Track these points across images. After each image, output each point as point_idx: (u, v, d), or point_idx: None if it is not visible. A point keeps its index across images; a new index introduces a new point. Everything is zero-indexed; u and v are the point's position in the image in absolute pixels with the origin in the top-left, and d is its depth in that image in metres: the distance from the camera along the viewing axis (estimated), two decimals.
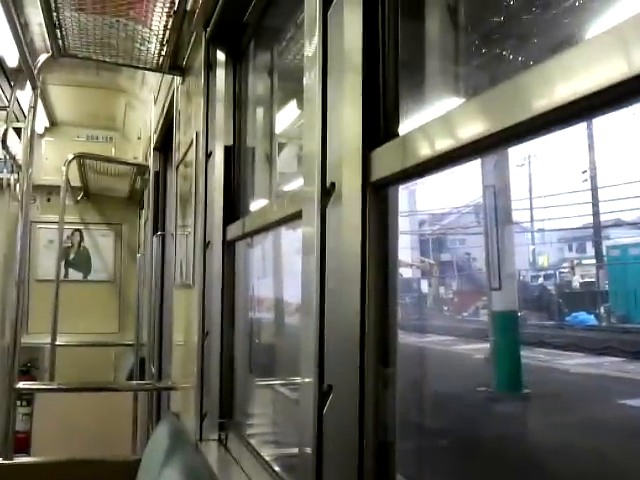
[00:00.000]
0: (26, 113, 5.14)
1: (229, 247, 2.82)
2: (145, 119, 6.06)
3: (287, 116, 3.10)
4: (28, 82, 4.09)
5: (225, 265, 2.80)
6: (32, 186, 4.16)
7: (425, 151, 1.15)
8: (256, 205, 2.86)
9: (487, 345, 12.19)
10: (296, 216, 1.76)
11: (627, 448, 6.50)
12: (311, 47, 1.52)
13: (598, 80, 0.76)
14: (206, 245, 2.92)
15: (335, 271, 1.37)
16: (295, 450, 1.57)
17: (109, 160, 6.68)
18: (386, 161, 1.27)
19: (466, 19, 1.64)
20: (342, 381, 1.31)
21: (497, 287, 11.31)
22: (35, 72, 3.89)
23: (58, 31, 3.43)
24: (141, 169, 6.26)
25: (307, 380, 1.42)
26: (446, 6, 1.62)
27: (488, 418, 8.71)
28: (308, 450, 1.39)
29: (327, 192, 1.40)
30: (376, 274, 1.29)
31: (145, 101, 5.97)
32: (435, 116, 1.15)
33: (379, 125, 1.33)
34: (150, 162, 5.48)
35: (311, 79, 1.51)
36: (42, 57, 3.94)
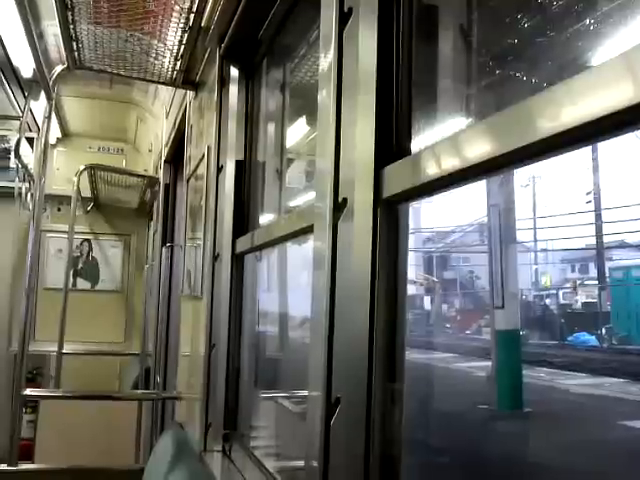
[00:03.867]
0: (39, 123, 5.17)
1: (238, 260, 2.82)
2: (156, 132, 6.08)
3: (297, 132, 3.12)
4: (42, 93, 4.11)
5: (233, 277, 2.81)
6: (44, 196, 4.18)
7: (435, 170, 1.16)
8: (265, 219, 2.87)
9: (489, 363, 12.16)
10: (306, 231, 1.77)
11: (626, 469, 6.46)
12: (326, 65, 1.53)
13: (605, 105, 0.77)
14: (215, 257, 2.93)
15: (345, 286, 1.37)
16: (300, 463, 1.57)
17: (120, 172, 6.69)
18: (397, 178, 1.27)
19: (479, 40, 1.65)
20: (350, 394, 1.31)
21: (500, 306, 11.31)
22: (50, 83, 3.91)
23: (74, 43, 3.45)
24: (151, 181, 6.27)
25: (315, 392, 1.43)
26: (459, 27, 1.63)
27: (489, 436, 8.67)
28: (314, 462, 1.39)
29: (339, 207, 1.40)
30: (385, 290, 1.30)
31: (157, 115, 6.00)
32: (446, 135, 1.16)
33: (391, 143, 1.34)
34: (160, 174, 5.50)
35: (325, 96, 1.52)
36: (57, 68, 3.96)
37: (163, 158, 5.38)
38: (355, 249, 1.34)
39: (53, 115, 4.40)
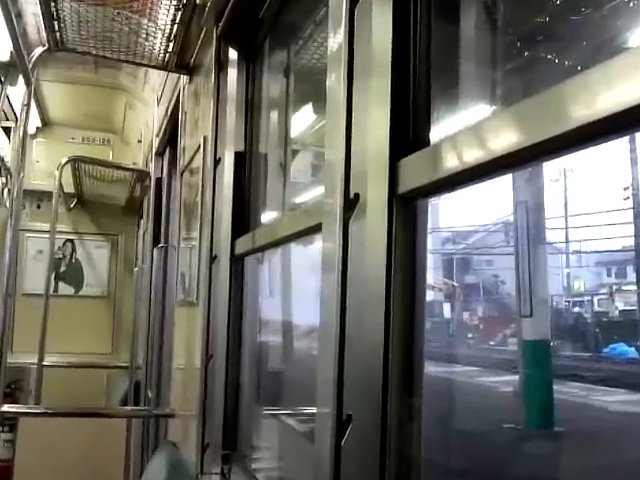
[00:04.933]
0: (16, 112, 5.18)
1: (237, 262, 2.82)
2: (146, 121, 6.09)
3: (303, 121, 3.12)
4: (20, 78, 4.11)
5: (233, 281, 2.81)
6: (22, 191, 4.18)
7: (457, 162, 1.16)
8: (268, 217, 2.87)
9: (516, 377, 12.14)
10: (314, 230, 1.77)
11: None
12: (336, 45, 1.53)
13: None
14: (212, 259, 2.93)
15: (357, 290, 1.37)
16: None
17: (106, 165, 6.70)
18: (415, 172, 1.27)
19: (505, 18, 1.65)
20: (363, 410, 1.32)
21: (528, 314, 11.30)
22: (29, 67, 3.91)
23: (56, 23, 3.46)
24: (141, 175, 6.29)
25: (324, 409, 1.43)
26: (483, 4, 1.63)
27: (515, 458, 8.65)
28: None
29: (350, 204, 1.40)
30: (402, 295, 1.30)
31: (147, 101, 6.01)
32: (469, 124, 1.16)
33: (408, 132, 1.34)
34: (151, 168, 5.51)
35: (335, 80, 1.53)
36: (37, 51, 3.97)
37: (154, 150, 5.40)
38: (368, 250, 1.34)
39: (32, 102, 4.42)
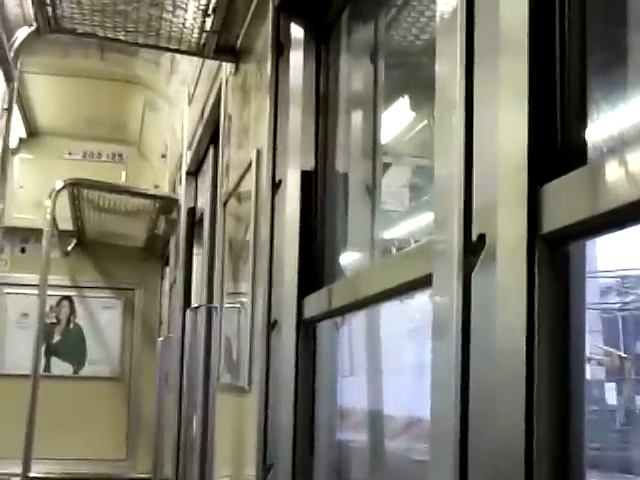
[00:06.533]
0: None
1: (307, 329, 2.82)
2: (174, 127, 6.16)
3: (397, 122, 3.12)
4: None
5: (300, 357, 2.81)
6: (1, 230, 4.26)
7: (631, 188, 1.11)
8: (349, 263, 2.87)
9: None
10: (420, 283, 1.77)
11: None
12: (447, 14, 1.54)
13: None
14: (271, 326, 2.94)
15: (485, 368, 1.37)
16: None
17: (117, 190, 6.77)
18: (567, 202, 1.25)
19: None
20: None
21: None
22: (10, 55, 3.98)
23: None
24: (166, 204, 6.34)
25: None
26: None
27: None
28: None
29: (473, 248, 1.39)
30: (550, 374, 1.29)
31: (174, 100, 6.08)
32: None
33: (555, 143, 1.33)
34: (181, 193, 5.56)
35: (447, 66, 1.53)
36: (21, 33, 4.03)
37: (185, 168, 5.45)
38: (500, 312, 1.34)
39: (15, 105, 4.49)
